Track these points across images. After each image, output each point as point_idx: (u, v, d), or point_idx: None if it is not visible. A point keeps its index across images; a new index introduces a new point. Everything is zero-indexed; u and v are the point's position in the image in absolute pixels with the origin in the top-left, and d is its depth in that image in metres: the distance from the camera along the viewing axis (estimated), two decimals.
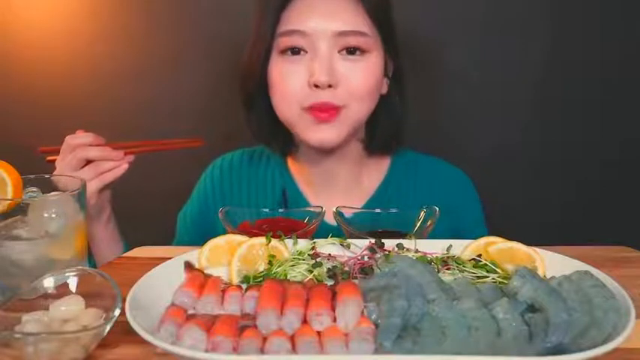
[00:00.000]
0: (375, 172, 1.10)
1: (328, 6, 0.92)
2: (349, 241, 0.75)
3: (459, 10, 1.40)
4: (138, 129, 1.46)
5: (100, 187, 0.94)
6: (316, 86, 0.91)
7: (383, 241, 0.74)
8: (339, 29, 0.91)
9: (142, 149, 0.99)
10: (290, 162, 1.11)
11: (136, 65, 1.49)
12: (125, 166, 0.95)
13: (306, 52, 0.93)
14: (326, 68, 0.91)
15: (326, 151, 1.02)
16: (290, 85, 0.94)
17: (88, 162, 0.94)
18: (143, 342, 0.50)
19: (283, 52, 0.94)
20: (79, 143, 0.93)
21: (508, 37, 1.41)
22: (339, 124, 0.94)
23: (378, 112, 1.02)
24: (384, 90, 1.02)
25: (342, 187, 1.08)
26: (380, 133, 1.04)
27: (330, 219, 0.89)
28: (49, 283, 0.60)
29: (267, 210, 0.90)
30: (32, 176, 0.73)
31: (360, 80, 0.93)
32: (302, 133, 0.96)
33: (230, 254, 0.70)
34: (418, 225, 0.84)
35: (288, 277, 0.67)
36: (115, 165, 0.95)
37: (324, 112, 0.92)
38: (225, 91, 1.07)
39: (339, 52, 0.93)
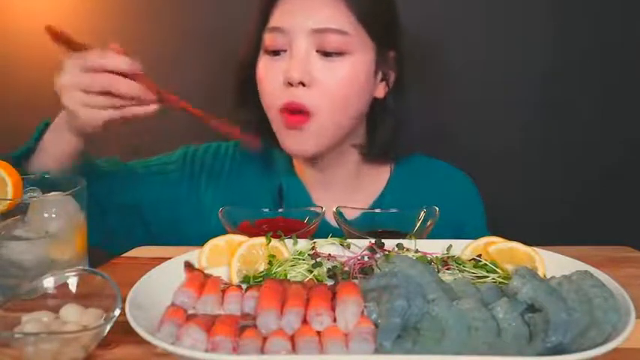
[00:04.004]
0: (379, 177, 1.08)
1: (309, 3, 0.91)
2: (349, 241, 0.75)
3: (460, 10, 1.40)
4: (137, 127, 1.45)
5: (111, 120, 0.80)
6: (290, 84, 0.89)
7: (383, 241, 0.74)
8: (315, 26, 0.89)
9: (185, 107, 0.85)
10: (295, 162, 1.08)
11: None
12: (153, 107, 0.81)
13: (286, 50, 0.91)
14: (300, 65, 0.88)
15: (309, 159, 1.00)
16: (269, 83, 0.92)
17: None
18: (143, 342, 0.50)
19: (266, 51, 0.93)
20: (109, 67, 0.77)
21: (509, 37, 1.41)
22: (313, 132, 0.91)
23: (376, 118, 1.00)
24: (380, 94, 0.99)
25: (341, 191, 1.06)
26: (375, 139, 1.01)
27: (330, 219, 0.89)
28: (49, 283, 0.60)
29: (267, 210, 0.89)
30: (32, 176, 0.73)
31: (336, 83, 0.90)
32: (278, 136, 0.95)
33: (230, 254, 0.70)
34: (418, 225, 0.84)
35: (288, 277, 0.67)
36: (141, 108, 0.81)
37: (295, 115, 0.90)
38: (225, 91, 1.07)
39: (317, 51, 0.90)
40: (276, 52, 0.92)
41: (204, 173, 1.08)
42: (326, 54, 0.90)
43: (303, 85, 0.89)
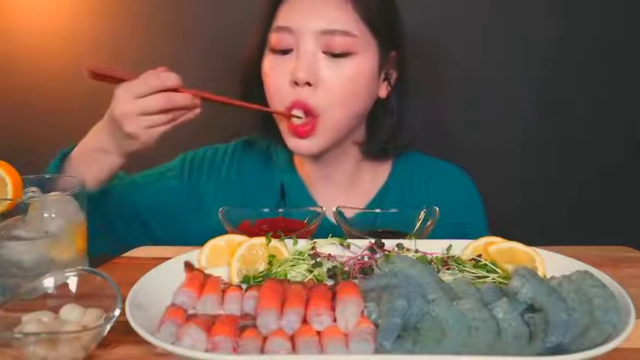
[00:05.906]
0: (378, 174, 1.08)
1: (316, 3, 0.92)
2: (349, 241, 0.75)
3: (460, 9, 1.40)
4: None
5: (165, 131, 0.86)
6: (297, 84, 0.90)
7: (383, 241, 0.74)
8: (323, 28, 0.90)
9: (217, 100, 0.91)
10: (295, 158, 1.09)
11: (136, 66, 1.48)
12: (197, 110, 0.88)
13: (292, 50, 0.92)
14: (306, 65, 0.89)
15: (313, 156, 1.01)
16: (275, 82, 0.93)
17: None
18: (143, 342, 0.50)
19: (273, 50, 0.94)
20: (166, 86, 0.83)
21: (509, 37, 1.41)
22: (318, 133, 0.93)
23: (378, 116, 1.01)
24: (383, 94, 1.00)
25: (341, 187, 1.06)
26: (374, 137, 1.03)
27: (330, 218, 0.89)
28: (49, 283, 0.60)
29: (267, 210, 0.89)
30: (32, 176, 0.73)
31: (341, 83, 0.91)
32: (284, 136, 0.96)
33: (230, 254, 0.70)
34: (418, 225, 0.84)
35: (288, 277, 0.67)
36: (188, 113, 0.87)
37: (301, 127, 0.91)
38: (227, 90, 1.07)
39: (323, 52, 0.91)
40: (282, 52, 0.93)
41: (203, 175, 1.08)
42: (332, 54, 0.91)
43: (309, 84, 0.90)
